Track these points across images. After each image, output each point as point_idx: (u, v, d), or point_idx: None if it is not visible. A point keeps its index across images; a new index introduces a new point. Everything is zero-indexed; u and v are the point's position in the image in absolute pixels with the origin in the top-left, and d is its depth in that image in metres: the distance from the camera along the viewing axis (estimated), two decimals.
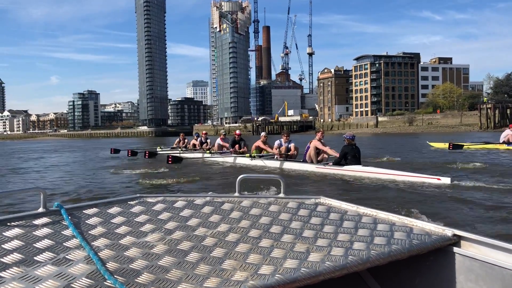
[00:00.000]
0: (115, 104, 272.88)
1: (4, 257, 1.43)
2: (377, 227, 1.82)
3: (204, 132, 18.52)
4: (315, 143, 11.37)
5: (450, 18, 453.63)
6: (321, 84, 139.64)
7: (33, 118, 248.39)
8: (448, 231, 1.73)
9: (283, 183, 2.23)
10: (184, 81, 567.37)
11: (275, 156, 12.49)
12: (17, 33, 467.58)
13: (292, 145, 12.55)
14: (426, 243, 1.66)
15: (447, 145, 19.99)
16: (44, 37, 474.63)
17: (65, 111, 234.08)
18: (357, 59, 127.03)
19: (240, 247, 1.62)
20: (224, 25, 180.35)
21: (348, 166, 10.13)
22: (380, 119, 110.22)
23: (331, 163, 10.70)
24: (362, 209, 2.04)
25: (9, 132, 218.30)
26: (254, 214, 1.98)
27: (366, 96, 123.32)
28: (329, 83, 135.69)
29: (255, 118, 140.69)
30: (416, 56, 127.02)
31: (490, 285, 1.58)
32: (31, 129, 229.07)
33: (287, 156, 12.30)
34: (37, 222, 1.73)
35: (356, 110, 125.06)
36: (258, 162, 12.73)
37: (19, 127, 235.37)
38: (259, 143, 13.47)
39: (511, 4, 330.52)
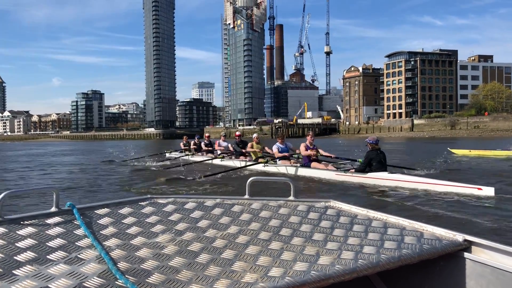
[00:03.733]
0: (119, 105, 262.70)
1: (18, 255, 1.43)
2: (387, 231, 1.80)
3: (207, 135, 18.68)
4: (301, 147, 11.46)
5: (451, 23, 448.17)
6: (346, 84, 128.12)
7: (35, 118, 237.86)
8: (459, 236, 1.70)
9: (293, 186, 2.19)
10: (187, 83, 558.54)
11: (277, 160, 12.18)
12: (19, 34, 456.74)
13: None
14: (437, 248, 1.64)
15: (469, 151, 19.22)
16: (46, 39, 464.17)
17: (68, 112, 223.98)
18: (389, 56, 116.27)
19: (250, 249, 1.61)
20: (239, 21, 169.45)
21: (372, 173, 9.38)
22: (416, 122, 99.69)
23: (353, 170, 10.02)
24: (372, 213, 2.01)
25: (9, 133, 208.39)
26: (264, 216, 1.96)
27: (399, 97, 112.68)
28: (356, 83, 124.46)
29: (273, 120, 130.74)
30: (454, 54, 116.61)
31: None
32: (32, 130, 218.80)
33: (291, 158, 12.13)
34: (50, 221, 1.73)
35: (388, 111, 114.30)
36: (271, 168, 11.97)
37: (20, 128, 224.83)
38: (251, 146, 13.53)
39: None
